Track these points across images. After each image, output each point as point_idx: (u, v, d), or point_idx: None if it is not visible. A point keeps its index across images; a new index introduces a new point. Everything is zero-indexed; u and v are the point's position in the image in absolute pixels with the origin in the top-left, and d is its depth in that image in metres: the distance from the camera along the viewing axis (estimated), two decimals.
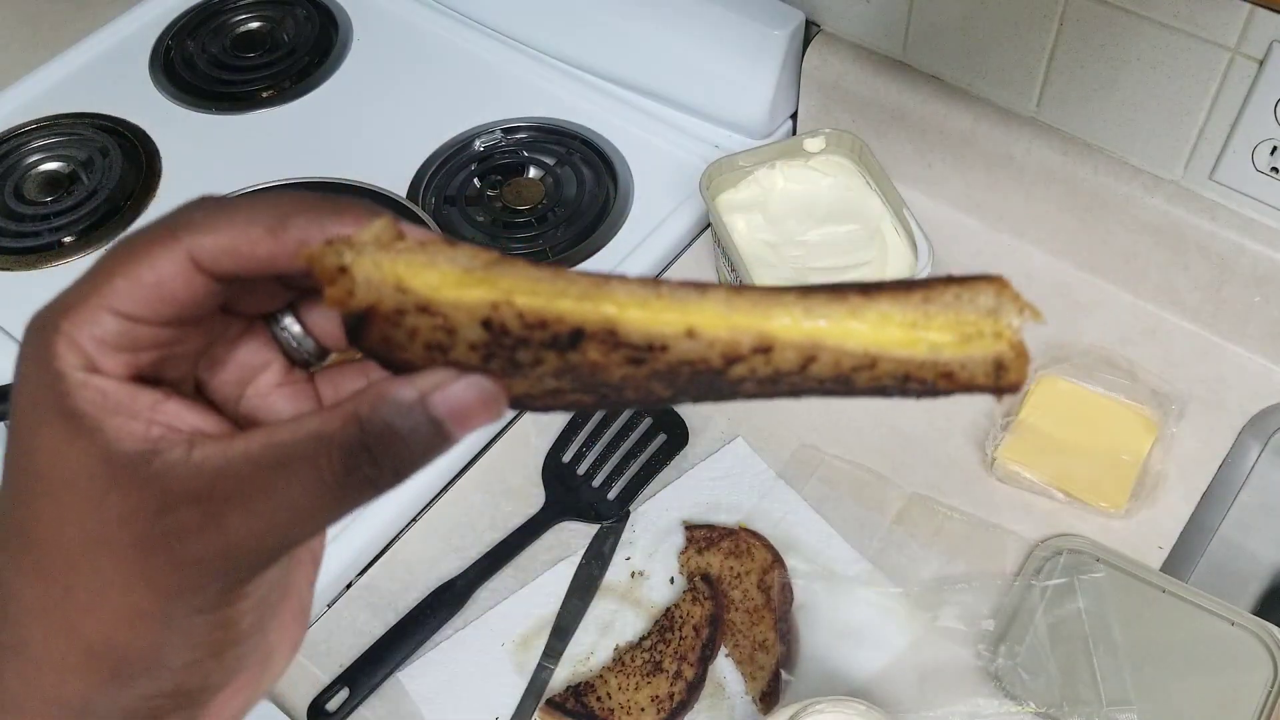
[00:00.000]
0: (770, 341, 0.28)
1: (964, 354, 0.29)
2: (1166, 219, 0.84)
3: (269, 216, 0.29)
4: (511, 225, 0.98)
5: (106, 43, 1.14)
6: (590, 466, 0.83)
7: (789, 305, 0.28)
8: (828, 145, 0.87)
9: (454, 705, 0.73)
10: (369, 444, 0.28)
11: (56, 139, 1.05)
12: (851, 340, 0.29)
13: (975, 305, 0.29)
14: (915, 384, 0.30)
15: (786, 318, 0.28)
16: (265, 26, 1.16)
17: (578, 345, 0.28)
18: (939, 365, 0.29)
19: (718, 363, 0.28)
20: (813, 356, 0.29)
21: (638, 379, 0.29)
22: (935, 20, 0.89)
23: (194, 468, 0.28)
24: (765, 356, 0.28)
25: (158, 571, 0.28)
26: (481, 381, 0.29)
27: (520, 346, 0.28)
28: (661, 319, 0.28)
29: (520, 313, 0.28)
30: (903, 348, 0.29)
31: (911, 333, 0.29)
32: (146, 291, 0.28)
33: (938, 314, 0.29)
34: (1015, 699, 0.71)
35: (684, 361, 0.28)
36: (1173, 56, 0.78)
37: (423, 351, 0.29)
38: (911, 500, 0.80)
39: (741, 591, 0.76)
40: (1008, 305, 0.29)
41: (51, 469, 0.28)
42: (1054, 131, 0.88)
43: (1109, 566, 0.75)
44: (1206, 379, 0.85)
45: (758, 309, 0.28)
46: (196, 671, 0.30)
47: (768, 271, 0.82)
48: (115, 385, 0.28)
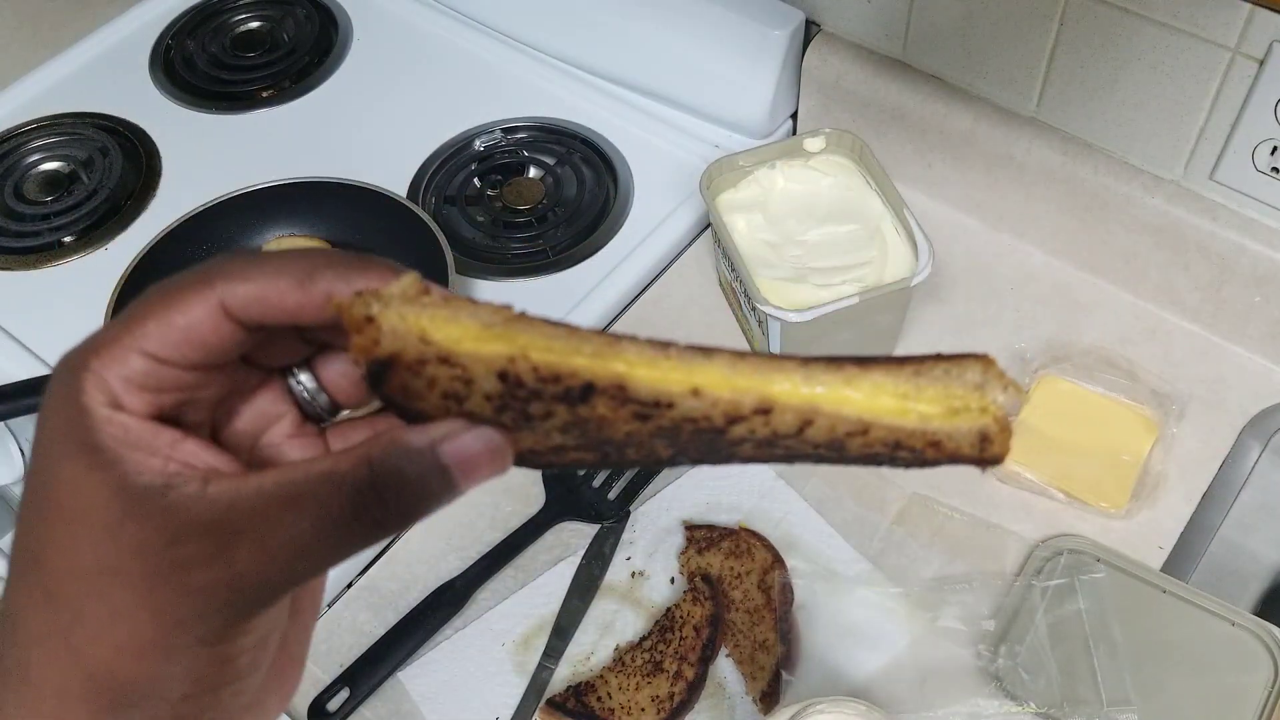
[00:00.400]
0: (771, 404, 0.30)
1: (951, 425, 0.31)
2: (1167, 219, 0.84)
3: (298, 270, 0.30)
4: (511, 225, 0.98)
5: (106, 42, 1.14)
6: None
7: (789, 371, 0.30)
8: (828, 145, 0.87)
9: (454, 705, 0.73)
10: (378, 486, 0.29)
11: (56, 139, 1.05)
12: (847, 407, 0.30)
13: (963, 380, 0.31)
14: (905, 452, 0.31)
15: (787, 383, 0.30)
16: (265, 26, 1.15)
17: (588, 399, 0.29)
18: (927, 434, 0.31)
19: (720, 422, 0.30)
20: (809, 420, 0.30)
21: (642, 436, 0.30)
22: (935, 20, 0.89)
23: (208, 501, 0.29)
24: (765, 418, 0.30)
25: (165, 601, 0.28)
26: (490, 434, 0.30)
27: (533, 399, 0.30)
28: (669, 378, 0.29)
29: (535, 366, 0.29)
30: (894, 416, 0.30)
31: (903, 403, 0.30)
32: (176, 335, 0.30)
33: (928, 387, 0.30)
34: (1016, 699, 0.71)
35: (687, 419, 0.30)
36: (1173, 56, 0.78)
37: (439, 401, 0.30)
38: (911, 500, 0.80)
39: (742, 591, 0.76)
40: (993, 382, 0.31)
41: (70, 499, 0.29)
42: (1054, 131, 0.88)
43: (1109, 567, 0.75)
44: (1207, 379, 0.85)
45: (760, 373, 0.30)
46: (193, 706, 0.30)
47: (768, 271, 0.82)
48: (137, 422, 0.29)
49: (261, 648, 0.31)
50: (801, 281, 0.81)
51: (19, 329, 0.92)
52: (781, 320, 0.78)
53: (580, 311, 0.90)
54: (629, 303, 0.93)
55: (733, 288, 0.88)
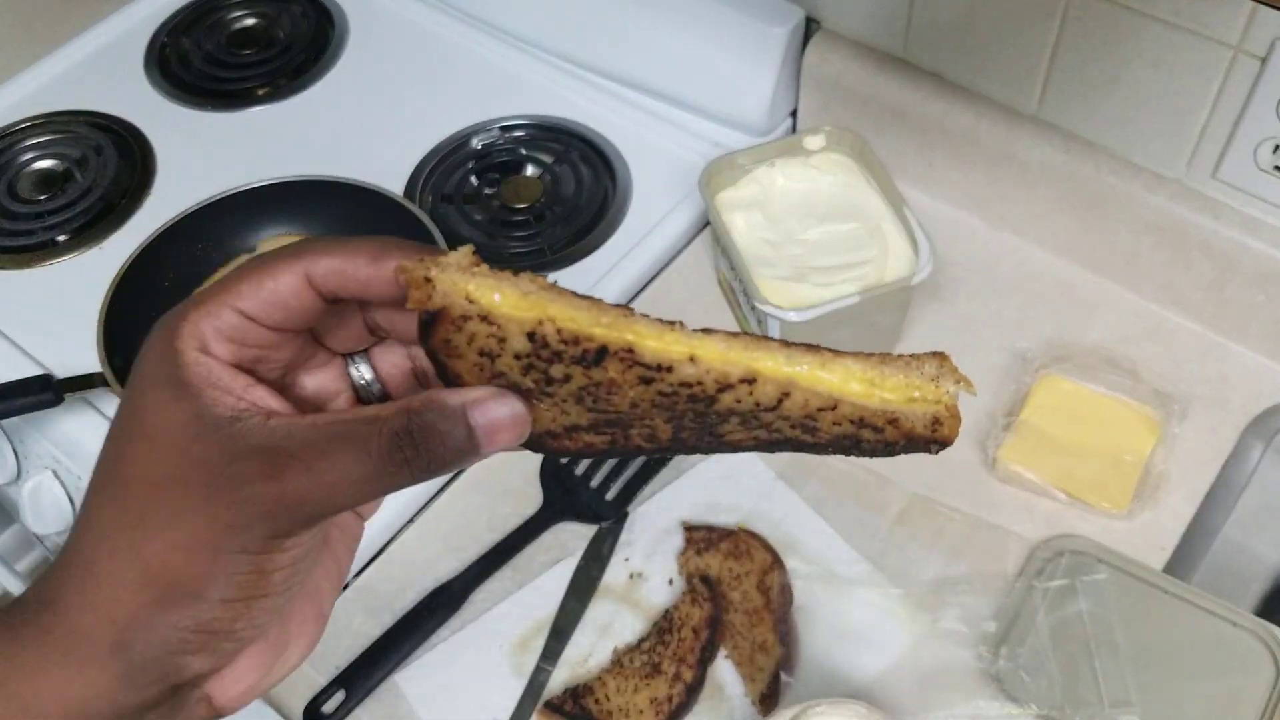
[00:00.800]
0: (755, 374, 0.35)
1: (908, 407, 0.36)
2: (1169, 218, 0.84)
3: (374, 247, 0.35)
4: (509, 224, 0.97)
5: (101, 40, 1.13)
6: (588, 467, 0.82)
7: (773, 350, 0.35)
8: (828, 143, 0.87)
9: (451, 707, 0.73)
10: (413, 432, 0.33)
11: (50, 136, 1.05)
12: (821, 384, 0.35)
13: (921, 371, 0.36)
14: (868, 430, 0.36)
15: (770, 360, 0.35)
16: (261, 23, 1.15)
17: (601, 361, 0.34)
18: (887, 413, 0.36)
19: (711, 388, 0.35)
20: (787, 393, 0.35)
21: (644, 404, 0.35)
22: (936, 17, 0.88)
23: (267, 430, 0.34)
24: (750, 387, 0.35)
25: (220, 509, 0.33)
26: (514, 403, 0.35)
27: (555, 360, 0.34)
28: (671, 347, 0.34)
29: (559, 329, 0.34)
30: (860, 396, 0.35)
31: (869, 385, 0.36)
32: (265, 295, 0.35)
33: (891, 375, 0.36)
34: (1017, 701, 0.70)
35: (684, 383, 0.34)
36: (1175, 54, 0.78)
37: (475, 356, 0.35)
38: (912, 501, 0.79)
39: (741, 593, 0.76)
40: (947, 375, 0.36)
41: (154, 419, 0.34)
42: (1056, 130, 0.87)
43: (1111, 567, 0.74)
44: (1209, 379, 0.85)
45: (748, 349, 0.35)
46: (229, 611, 0.34)
47: (767, 270, 0.81)
48: (220, 366, 0.35)
49: (294, 571, 0.35)
50: (801, 280, 0.81)
51: (12, 328, 0.91)
52: (781, 319, 0.77)
53: None
54: (628, 302, 0.92)
55: (732, 287, 0.88)
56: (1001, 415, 0.82)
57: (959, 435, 0.36)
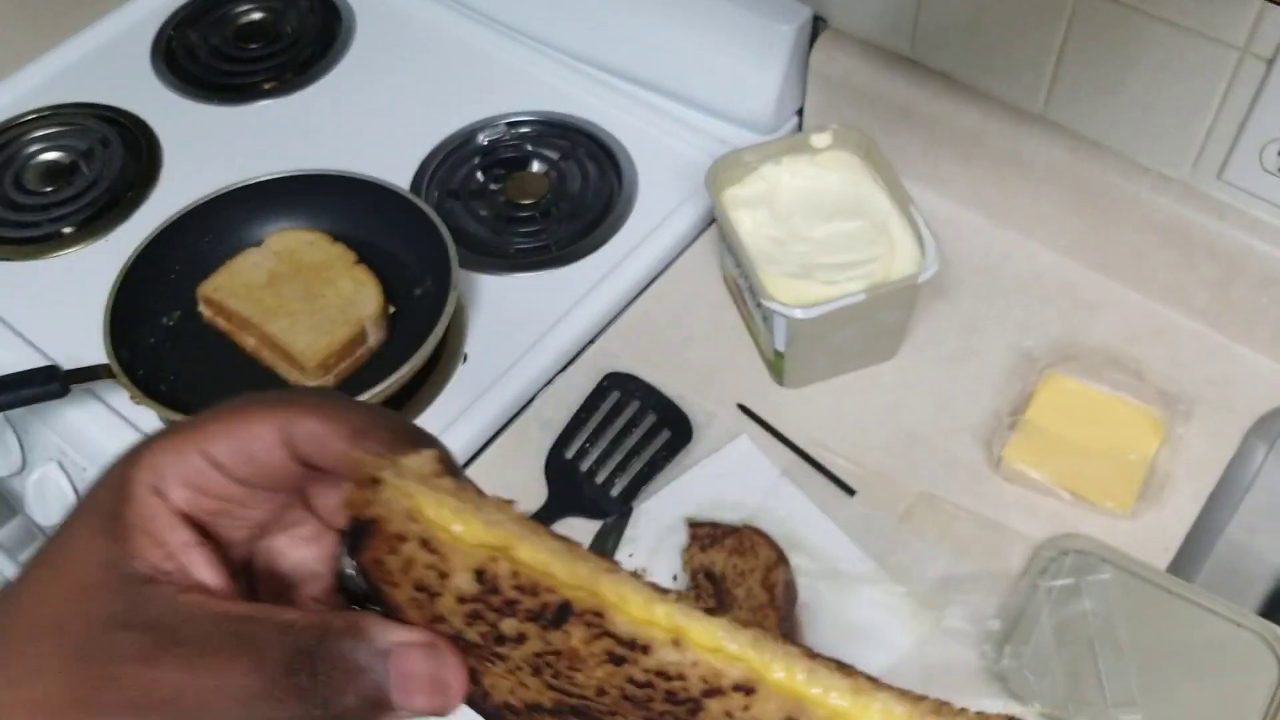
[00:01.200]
0: (757, 684, 0.27)
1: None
2: (1174, 218, 0.84)
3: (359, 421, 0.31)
4: (515, 220, 0.97)
5: (108, 33, 1.13)
6: (593, 463, 0.82)
7: (793, 658, 0.27)
8: (835, 141, 0.87)
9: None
10: (320, 656, 0.28)
11: (57, 129, 1.05)
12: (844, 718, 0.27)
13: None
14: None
15: (784, 670, 0.27)
16: (268, 17, 1.15)
17: (563, 623, 0.27)
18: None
19: (695, 690, 0.27)
20: (794, 718, 0.27)
21: (612, 690, 0.28)
22: (943, 17, 0.88)
23: (172, 605, 0.29)
24: (746, 699, 0.27)
25: (83, 677, 0.29)
26: (445, 659, 0.29)
27: (506, 612, 0.27)
28: (653, 619, 0.27)
29: (515, 570, 0.27)
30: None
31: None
32: (236, 443, 0.31)
33: None
34: (1020, 699, 0.70)
35: (661, 673, 0.27)
36: (1181, 55, 0.78)
37: (410, 591, 0.28)
38: (917, 499, 0.79)
39: (745, 589, 0.76)
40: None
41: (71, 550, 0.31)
42: (1062, 130, 0.87)
43: (1115, 567, 0.75)
44: (1214, 379, 0.85)
45: (757, 646, 0.27)
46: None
47: (773, 267, 0.81)
48: (166, 513, 0.31)
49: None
50: (807, 278, 0.81)
51: (18, 320, 0.91)
52: (787, 317, 0.77)
53: (583, 307, 0.90)
54: (632, 299, 0.92)
55: (738, 284, 0.88)
56: (1006, 414, 0.82)
57: (964, 429, 0.29)
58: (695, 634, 0.27)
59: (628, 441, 0.83)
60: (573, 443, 0.83)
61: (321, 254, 0.89)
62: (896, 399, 0.85)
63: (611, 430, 0.83)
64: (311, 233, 0.92)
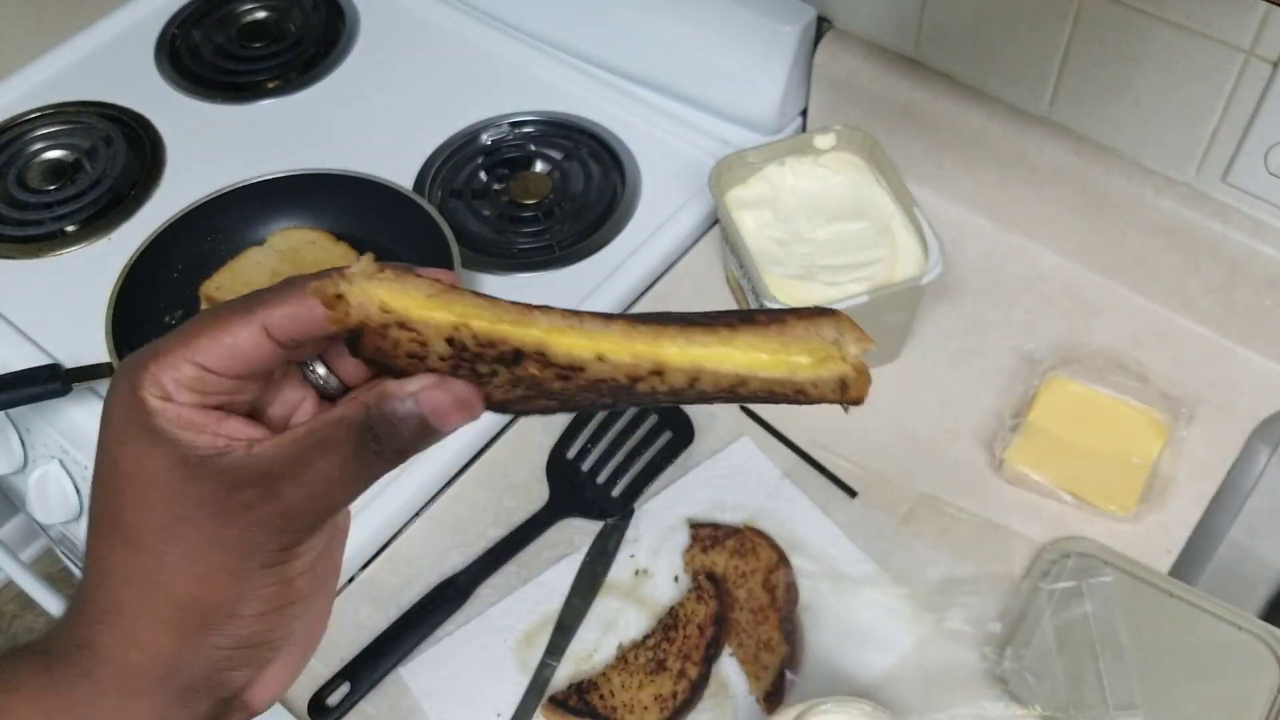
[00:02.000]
0: (662, 366, 0.36)
1: (814, 375, 0.36)
2: (1178, 221, 0.84)
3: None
4: (518, 219, 0.97)
5: (112, 31, 1.13)
6: (594, 463, 0.82)
7: (674, 336, 0.36)
8: (838, 142, 0.87)
9: (456, 701, 0.73)
10: (374, 425, 0.36)
11: (60, 127, 1.05)
12: (725, 365, 0.36)
13: (820, 336, 0.36)
14: (781, 398, 0.37)
15: (673, 347, 0.36)
16: (272, 16, 1.15)
17: (519, 362, 0.36)
18: (795, 384, 0.36)
19: (624, 381, 0.36)
20: (696, 377, 0.36)
21: (570, 390, 0.37)
22: (947, 18, 0.88)
23: (254, 458, 0.35)
24: (660, 377, 0.36)
25: (233, 536, 0.35)
26: (455, 387, 0.37)
27: (478, 360, 0.36)
28: (578, 345, 0.36)
29: (475, 334, 0.36)
30: (765, 369, 0.36)
31: (773, 358, 0.36)
32: (224, 350, 0.36)
33: (792, 344, 0.36)
34: (1021, 702, 0.70)
35: (599, 379, 0.36)
36: (1187, 57, 0.77)
37: (406, 359, 0.36)
38: (919, 501, 0.79)
39: (746, 590, 0.76)
40: (847, 335, 0.36)
41: (139, 469, 0.35)
42: (1066, 131, 0.87)
43: (1117, 570, 0.74)
44: (1217, 382, 0.85)
45: (651, 339, 0.36)
46: (263, 623, 0.37)
47: (776, 269, 0.81)
48: (187, 409, 0.36)
49: (313, 574, 0.38)
50: (810, 279, 0.81)
51: (21, 318, 0.91)
52: None
53: (586, 307, 0.89)
54: (635, 299, 0.92)
55: (741, 285, 0.88)
56: (1009, 417, 0.82)
57: (966, 431, 0.35)
58: (608, 345, 0.36)
59: (629, 442, 0.83)
60: (574, 443, 0.83)
61: (324, 253, 0.89)
62: (899, 401, 0.85)
63: (613, 431, 0.83)
64: (314, 232, 0.92)
